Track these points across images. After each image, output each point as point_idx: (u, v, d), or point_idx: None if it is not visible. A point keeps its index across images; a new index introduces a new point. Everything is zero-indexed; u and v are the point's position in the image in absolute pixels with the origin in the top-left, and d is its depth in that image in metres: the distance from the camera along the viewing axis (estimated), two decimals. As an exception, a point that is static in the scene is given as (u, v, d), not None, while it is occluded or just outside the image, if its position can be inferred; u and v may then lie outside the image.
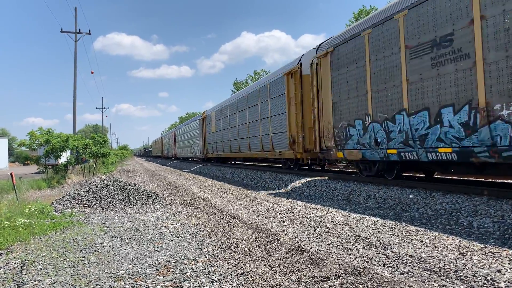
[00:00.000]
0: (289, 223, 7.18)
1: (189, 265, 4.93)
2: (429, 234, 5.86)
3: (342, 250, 5.21)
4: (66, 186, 17.33)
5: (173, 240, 6.30)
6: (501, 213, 6.21)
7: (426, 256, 4.74)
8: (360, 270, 4.30)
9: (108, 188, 10.66)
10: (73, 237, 6.52)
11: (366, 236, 5.86)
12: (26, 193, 13.82)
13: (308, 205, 9.11)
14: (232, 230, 6.84)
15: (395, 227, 6.38)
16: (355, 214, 7.76)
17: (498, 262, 4.39)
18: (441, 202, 7.45)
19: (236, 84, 70.99)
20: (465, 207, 6.88)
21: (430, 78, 7.87)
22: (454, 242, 5.35)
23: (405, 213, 7.65)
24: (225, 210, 8.91)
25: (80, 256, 5.43)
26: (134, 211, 9.34)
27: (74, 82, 30.45)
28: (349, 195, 10.00)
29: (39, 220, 7.67)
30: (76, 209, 9.46)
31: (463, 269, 4.19)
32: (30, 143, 18.62)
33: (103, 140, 22.34)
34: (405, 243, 5.37)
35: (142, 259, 5.23)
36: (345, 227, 6.62)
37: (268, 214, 8.20)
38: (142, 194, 10.66)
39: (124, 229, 7.24)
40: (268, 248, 5.53)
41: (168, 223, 7.73)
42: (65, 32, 30.84)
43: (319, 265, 4.62)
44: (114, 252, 5.66)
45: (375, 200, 8.96)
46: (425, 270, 4.25)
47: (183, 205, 10.22)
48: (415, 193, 8.36)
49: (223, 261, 5.06)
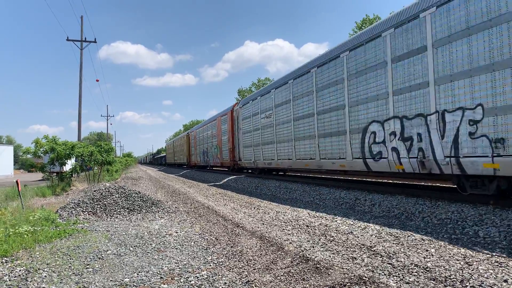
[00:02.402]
0: (293, 231, 7.16)
1: (193, 273, 4.92)
2: (435, 243, 5.82)
3: (347, 259, 5.19)
4: (71, 194, 17.37)
5: (178, 248, 6.29)
6: (507, 222, 6.17)
7: (432, 265, 4.71)
8: (365, 279, 4.28)
9: (112, 196, 10.68)
10: (77, 245, 6.53)
11: (371, 245, 5.83)
12: (31, 200, 13.87)
13: (312, 214, 9.09)
14: (236, 239, 6.82)
15: (400, 236, 6.35)
16: (360, 222, 7.73)
17: (505, 272, 4.35)
18: (446, 211, 7.42)
19: (241, 91, 71.25)
20: (471, 216, 6.84)
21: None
22: (460, 251, 5.31)
23: (410, 222, 7.61)
24: (229, 218, 8.90)
25: (85, 263, 5.44)
26: (138, 218, 9.35)
27: (80, 89, 30.65)
28: (354, 203, 9.96)
29: (44, 227, 7.69)
30: (81, 216, 9.47)
31: (469, 279, 4.16)
32: (35, 151, 18.70)
33: (109, 148, 22.41)
34: (411, 252, 5.34)
35: (146, 267, 5.23)
36: (350, 236, 6.59)
37: (272, 222, 8.18)
38: (146, 202, 10.68)
39: (128, 236, 7.25)
40: (273, 257, 5.51)
41: (172, 231, 7.73)
42: (71, 41, 31.09)
43: (324, 274, 4.60)
44: (118, 260, 5.66)
45: (380, 208, 8.92)
46: (431, 280, 4.22)
47: (188, 213, 10.22)
48: (420, 202, 8.32)
49: (228, 270, 5.05)
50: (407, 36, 8.69)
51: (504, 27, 6.52)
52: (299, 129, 14.13)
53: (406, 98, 8.72)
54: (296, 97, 14.40)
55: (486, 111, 6.83)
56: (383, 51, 9.48)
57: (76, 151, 19.20)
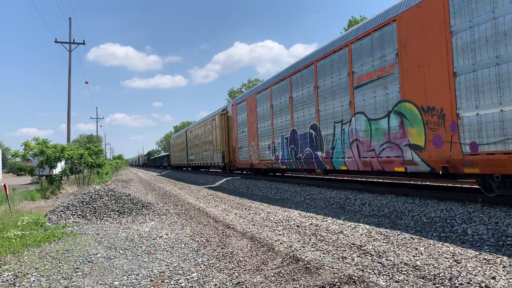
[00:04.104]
0: (284, 232, 7.17)
1: (184, 275, 4.90)
2: (424, 241, 5.87)
3: (337, 259, 5.21)
4: (60, 197, 17.21)
5: (168, 251, 6.27)
6: (495, 220, 6.24)
7: (421, 264, 4.74)
8: (355, 278, 4.30)
9: (102, 199, 10.60)
10: (67, 248, 6.47)
11: (361, 244, 5.86)
12: (20, 204, 13.72)
13: (303, 214, 9.11)
14: (227, 240, 6.81)
15: (390, 235, 6.39)
16: (350, 222, 7.77)
17: (493, 269, 4.40)
18: (435, 209, 7.48)
19: (231, 92, 71.20)
20: (460, 214, 6.91)
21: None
22: (449, 249, 5.36)
23: (400, 220, 7.66)
24: (220, 220, 8.88)
25: (74, 267, 5.39)
26: (128, 221, 9.29)
27: (68, 92, 30.42)
28: (344, 203, 10.00)
29: (33, 232, 7.61)
30: (70, 219, 9.39)
31: (458, 276, 4.19)
32: (24, 154, 18.49)
33: (98, 150, 22.25)
34: (400, 251, 5.37)
35: (136, 270, 5.20)
36: (340, 235, 6.62)
37: (263, 223, 8.19)
38: (136, 204, 10.62)
39: (118, 239, 7.20)
40: (264, 258, 5.51)
41: (163, 233, 7.69)
42: (59, 42, 30.87)
43: (314, 274, 4.61)
44: (108, 263, 5.62)
45: (370, 208, 8.97)
46: (420, 278, 4.25)
47: (178, 215, 10.18)
48: (409, 201, 8.39)
49: (218, 271, 5.04)
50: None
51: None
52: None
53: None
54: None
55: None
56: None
57: (66, 153, 19.03)
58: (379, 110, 9.32)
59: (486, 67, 6.59)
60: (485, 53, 6.60)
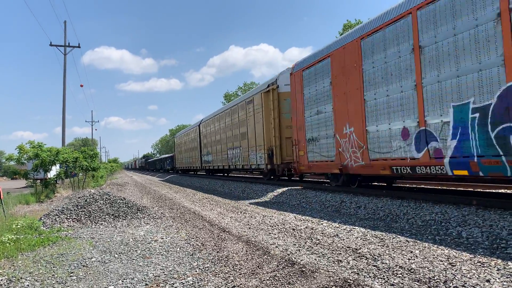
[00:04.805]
0: (280, 235, 7.17)
1: (179, 279, 4.89)
2: (419, 244, 5.89)
3: (333, 262, 5.21)
4: (55, 201, 17.13)
5: (163, 255, 6.25)
6: (490, 222, 6.27)
7: (416, 267, 4.76)
8: (351, 282, 4.30)
9: (97, 202, 10.56)
10: (61, 252, 6.43)
11: (356, 248, 5.86)
12: (14, 208, 13.64)
13: (299, 217, 9.11)
14: (222, 243, 6.80)
15: (385, 238, 6.40)
16: (345, 225, 7.78)
17: (487, 272, 4.42)
18: (430, 212, 7.51)
19: (227, 95, 71.24)
20: (454, 217, 6.94)
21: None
22: (444, 252, 5.38)
23: (395, 224, 7.68)
24: (215, 223, 8.87)
25: (68, 271, 5.36)
26: (123, 225, 9.26)
27: (63, 95, 30.33)
28: (340, 206, 10.02)
29: (27, 236, 7.57)
30: (65, 223, 9.34)
31: (453, 279, 4.21)
32: (18, 157, 18.40)
33: (93, 153, 22.18)
34: (395, 254, 5.39)
35: (131, 274, 5.18)
36: (336, 238, 6.62)
37: (259, 226, 8.18)
38: (131, 208, 10.58)
39: (113, 243, 7.17)
40: (259, 261, 5.51)
41: (158, 237, 7.67)
42: (54, 46, 30.79)
43: (309, 277, 4.61)
44: (103, 267, 5.59)
45: (366, 211, 8.99)
46: (415, 281, 4.26)
47: (173, 218, 10.16)
48: (404, 204, 8.41)
49: (214, 275, 5.02)
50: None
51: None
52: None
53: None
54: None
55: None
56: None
57: (60, 157, 18.96)
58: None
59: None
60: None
